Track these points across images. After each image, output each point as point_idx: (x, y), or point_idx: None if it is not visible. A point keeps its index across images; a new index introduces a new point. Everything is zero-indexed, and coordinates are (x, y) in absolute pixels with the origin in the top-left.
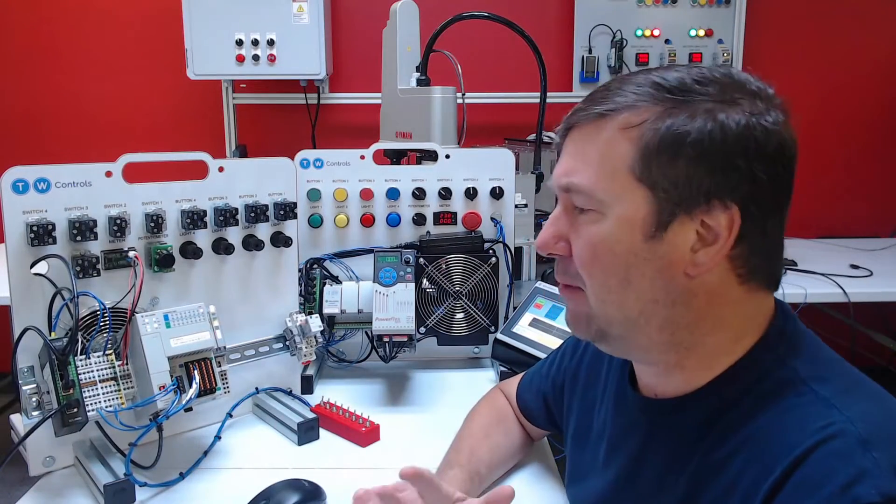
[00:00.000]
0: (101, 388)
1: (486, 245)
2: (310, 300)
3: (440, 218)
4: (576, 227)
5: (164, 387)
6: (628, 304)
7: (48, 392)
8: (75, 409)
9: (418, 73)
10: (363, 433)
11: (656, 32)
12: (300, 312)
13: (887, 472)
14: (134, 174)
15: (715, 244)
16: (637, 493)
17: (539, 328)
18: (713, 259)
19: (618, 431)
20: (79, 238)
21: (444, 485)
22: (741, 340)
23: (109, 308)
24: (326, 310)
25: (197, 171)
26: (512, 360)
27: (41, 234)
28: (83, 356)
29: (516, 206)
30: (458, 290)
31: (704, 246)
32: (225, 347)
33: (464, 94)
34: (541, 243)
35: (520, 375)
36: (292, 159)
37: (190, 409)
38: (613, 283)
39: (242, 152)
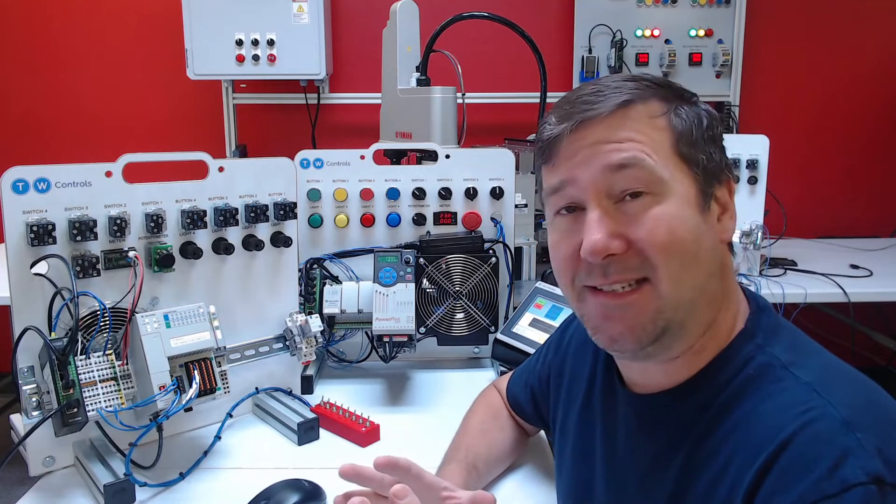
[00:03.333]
0: (101, 388)
1: (486, 245)
2: (310, 300)
3: (440, 218)
4: (632, 216)
5: (164, 387)
6: (697, 280)
7: (48, 392)
8: (75, 409)
9: (418, 73)
10: (363, 433)
11: (656, 32)
12: (300, 312)
13: (872, 452)
14: (134, 174)
15: (728, 211)
16: (628, 488)
17: (539, 328)
18: (732, 225)
19: (608, 428)
20: (79, 238)
21: (426, 473)
22: (736, 319)
23: (109, 308)
24: (326, 310)
25: (197, 171)
26: (512, 360)
27: (41, 234)
28: (83, 356)
29: (516, 206)
30: (458, 290)
31: (722, 214)
32: (225, 347)
33: (464, 94)
34: (599, 247)
35: (511, 372)
36: (292, 159)
37: (190, 409)
38: (689, 259)
39: (242, 152)
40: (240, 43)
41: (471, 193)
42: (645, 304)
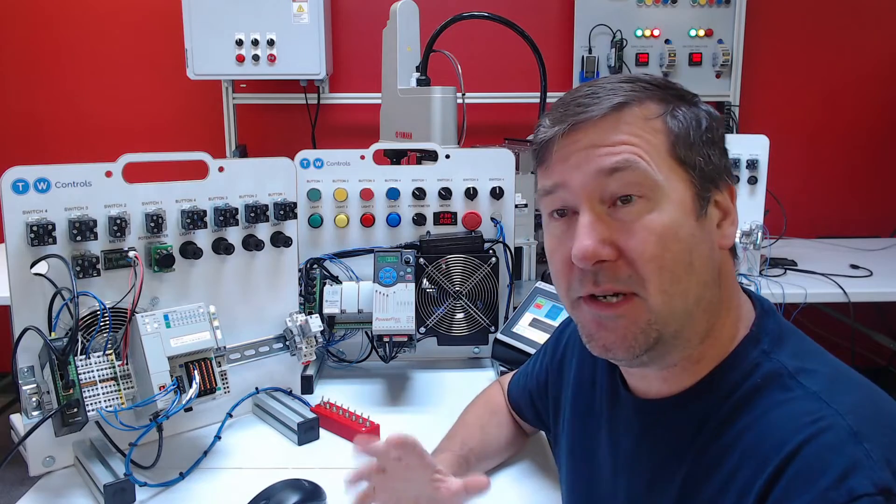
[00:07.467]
0: (101, 388)
1: (486, 245)
2: (310, 300)
3: (440, 218)
4: (625, 222)
5: (164, 387)
6: (690, 291)
7: (48, 392)
8: (75, 409)
9: (418, 73)
10: (363, 433)
11: (656, 32)
12: (300, 312)
13: (880, 463)
14: (134, 174)
15: (729, 216)
16: (632, 493)
17: (539, 328)
18: (733, 231)
19: (612, 434)
20: (79, 238)
21: (427, 455)
22: (737, 325)
23: (109, 308)
24: (326, 310)
25: (197, 171)
26: (512, 360)
27: (41, 234)
28: (83, 356)
29: (516, 206)
30: (458, 290)
31: (723, 220)
32: (225, 347)
33: (464, 94)
34: (589, 252)
35: (514, 373)
36: (292, 159)
37: (190, 409)
38: (681, 270)
39: (242, 152)
40: (240, 43)
41: (471, 193)
42: (636, 316)
